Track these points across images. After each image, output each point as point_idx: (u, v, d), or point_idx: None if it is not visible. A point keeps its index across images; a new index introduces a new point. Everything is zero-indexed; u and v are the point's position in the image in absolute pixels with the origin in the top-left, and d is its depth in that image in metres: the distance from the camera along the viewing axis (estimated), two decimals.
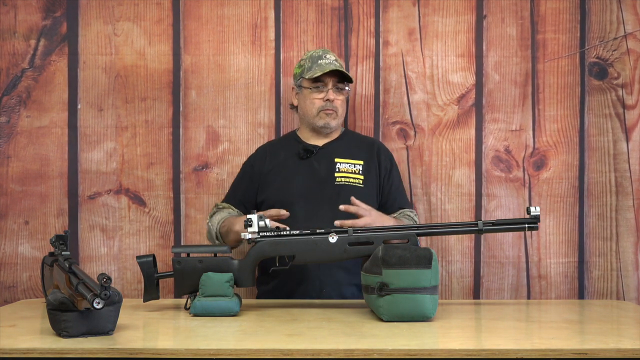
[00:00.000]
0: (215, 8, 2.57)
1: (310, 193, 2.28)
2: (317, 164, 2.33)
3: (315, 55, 2.34)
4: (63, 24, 2.56)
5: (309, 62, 2.33)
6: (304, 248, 1.91)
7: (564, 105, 2.56)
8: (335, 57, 2.34)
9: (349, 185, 2.29)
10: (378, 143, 2.44)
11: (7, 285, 2.55)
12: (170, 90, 2.57)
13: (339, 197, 2.23)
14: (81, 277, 1.54)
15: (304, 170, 2.32)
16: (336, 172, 2.31)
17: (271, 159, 2.37)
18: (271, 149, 2.41)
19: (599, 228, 2.55)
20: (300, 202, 2.25)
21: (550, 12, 2.56)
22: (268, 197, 2.31)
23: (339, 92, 2.32)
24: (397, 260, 1.69)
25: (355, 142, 2.40)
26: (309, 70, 2.31)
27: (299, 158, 2.34)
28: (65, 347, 1.43)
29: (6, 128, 2.55)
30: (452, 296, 2.56)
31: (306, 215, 2.22)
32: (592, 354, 1.42)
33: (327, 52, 2.35)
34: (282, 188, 2.30)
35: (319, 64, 2.30)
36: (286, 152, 2.37)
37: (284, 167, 2.34)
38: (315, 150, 2.34)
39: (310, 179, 2.30)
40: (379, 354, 1.41)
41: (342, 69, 2.30)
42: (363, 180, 2.31)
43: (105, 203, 2.56)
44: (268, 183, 2.33)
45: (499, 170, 2.57)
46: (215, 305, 1.79)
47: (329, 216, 2.18)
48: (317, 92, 2.31)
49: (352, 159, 2.34)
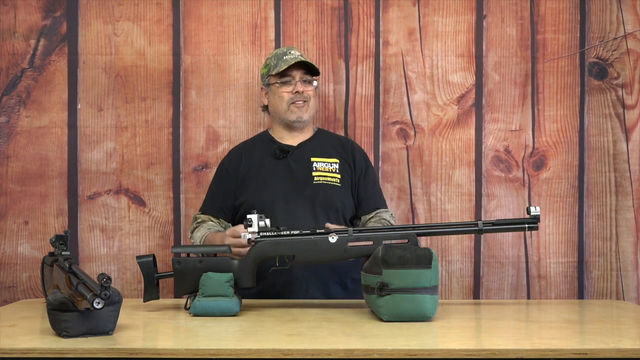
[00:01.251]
0: (215, 8, 2.57)
1: (289, 193, 2.25)
2: (293, 164, 2.30)
3: (279, 52, 2.33)
4: (63, 24, 2.56)
5: (274, 59, 2.31)
6: (304, 248, 1.91)
7: (564, 105, 2.56)
8: (300, 53, 2.32)
9: (327, 185, 2.27)
10: (352, 142, 2.42)
11: (7, 285, 2.55)
12: (170, 90, 2.57)
13: (318, 196, 2.23)
14: (81, 277, 1.54)
15: (281, 170, 2.29)
16: (313, 172, 2.28)
17: (246, 160, 2.34)
18: (245, 150, 2.37)
19: (599, 228, 2.55)
20: (280, 203, 2.23)
21: (550, 12, 2.56)
22: (246, 200, 2.27)
23: (308, 84, 2.30)
24: (397, 260, 1.69)
25: (329, 140, 2.38)
26: (275, 67, 2.29)
27: (274, 158, 2.31)
28: (65, 347, 1.43)
29: (6, 128, 2.55)
30: (452, 296, 2.56)
31: (286, 215, 2.19)
32: (592, 354, 1.42)
33: (292, 49, 2.33)
34: (260, 189, 2.27)
35: (284, 59, 2.28)
36: (261, 153, 2.33)
37: (260, 168, 2.31)
38: (291, 149, 2.31)
39: (288, 179, 2.28)
40: (379, 354, 1.41)
41: (307, 60, 2.29)
42: (340, 179, 2.29)
43: (105, 203, 2.56)
44: (245, 185, 2.30)
45: (498, 170, 2.57)
46: (215, 305, 1.79)
47: (309, 216, 2.19)
48: (285, 86, 2.29)
49: (327, 157, 2.32)
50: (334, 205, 2.25)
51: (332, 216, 2.23)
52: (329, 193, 2.24)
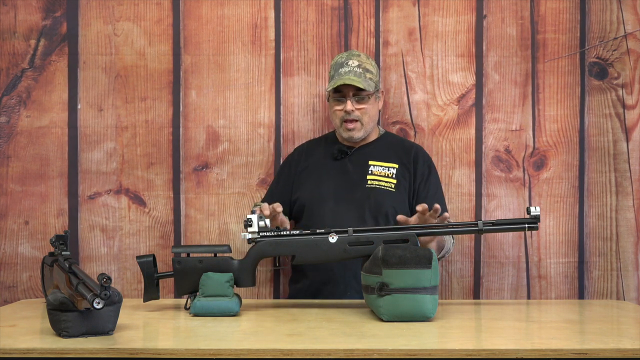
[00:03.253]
0: (215, 8, 2.57)
1: (339, 194, 2.27)
2: (350, 166, 2.32)
3: (338, 61, 2.30)
4: (63, 24, 2.56)
5: (333, 68, 2.31)
6: (304, 248, 1.92)
7: (564, 105, 2.56)
8: (359, 63, 2.27)
9: (380, 189, 2.27)
10: (417, 147, 2.40)
11: (7, 285, 2.55)
12: (170, 90, 2.57)
13: (369, 200, 2.24)
14: (81, 277, 1.54)
15: (337, 171, 2.32)
16: (368, 175, 2.29)
17: (306, 157, 2.38)
18: (308, 148, 2.42)
19: (599, 228, 2.55)
20: (330, 203, 2.26)
21: (550, 12, 2.56)
22: (300, 196, 2.32)
23: (360, 101, 2.27)
24: (397, 260, 1.69)
25: (392, 145, 2.38)
26: (331, 79, 2.29)
27: (333, 159, 2.34)
28: (65, 347, 1.43)
29: (6, 128, 2.55)
30: (452, 296, 2.56)
31: (333, 216, 2.22)
32: (592, 354, 1.42)
33: (351, 57, 2.29)
34: (313, 188, 2.31)
35: (339, 72, 2.26)
36: (322, 152, 2.37)
37: (317, 167, 2.34)
38: (350, 151, 2.33)
39: (341, 180, 2.30)
40: (379, 354, 1.41)
41: (358, 79, 2.23)
42: (395, 184, 2.28)
43: (105, 203, 2.56)
44: (301, 182, 2.34)
45: (499, 170, 2.57)
46: (215, 305, 1.79)
47: (356, 218, 2.20)
48: (338, 104, 2.29)
49: (386, 162, 2.32)
50: (384, 211, 2.24)
51: (382, 221, 2.23)
52: (380, 197, 2.24)
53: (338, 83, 2.23)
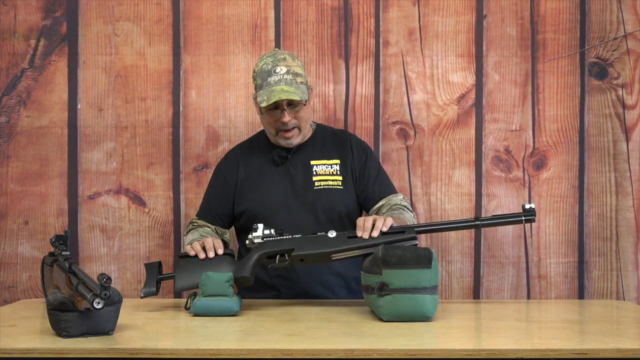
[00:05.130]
0: (215, 8, 2.57)
1: (290, 201, 2.19)
2: (293, 169, 2.22)
3: (264, 69, 2.13)
4: (63, 24, 2.56)
5: (259, 77, 2.14)
6: (303, 242, 1.92)
7: (564, 105, 2.56)
8: (287, 68, 2.11)
9: (329, 189, 2.20)
10: (349, 135, 2.32)
11: (7, 285, 2.55)
12: (170, 90, 2.57)
13: (320, 202, 2.18)
14: (81, 277, 1.54)
15: (281, 177, 2.22)
16: (314, 176, 2.21)
17: (244, 165, 2.26)
18: (242, 155, 2.29)
19: (599, 228, 2.55)
20: (282, 212, 2.17)
21: (550, 12, 2.56)
22: (247, 208, 2.21)
23: (295, 109, 2.14)
24: (397, 260, 1.69)
25: (327, 138, 2.29)
26: (260, 89, 2.13)
27: (274, 165, 2.23)
28: (65, 347, 1.43)
29: (6, 128, 2.55)
30: (452, 296, 2.56)
31: (289, 224, 2.10)
32: (592, 354, 1.42)
33: (277, 63, 2.12)
34: (262, 197, 2.20)
35: (268, 82, 2.10)
36: (259, 158, 2.25)
37: (259, 176, 2.23)
38: (289, 154, 2.23)
39: (288, 186, 2.21)
40: (379, 354, 1.41)
41: (291, 88, 2.08)
42: (342, 181, 2.22)
43: (105, 203, 2.56)
44: (244, 194, 2.23)
45: (498, 170, 2.57)
46: (215, 305, 1.79)
47: (312, 222, 2.15)
48: (272, 115, 2.15)
49: (327, 159, 2.24)
50: (337, 210, 2.19)
51: (336, 222, 2.17)
52: (331, 198, 2.18)
53: (273, 100, 2.07)
